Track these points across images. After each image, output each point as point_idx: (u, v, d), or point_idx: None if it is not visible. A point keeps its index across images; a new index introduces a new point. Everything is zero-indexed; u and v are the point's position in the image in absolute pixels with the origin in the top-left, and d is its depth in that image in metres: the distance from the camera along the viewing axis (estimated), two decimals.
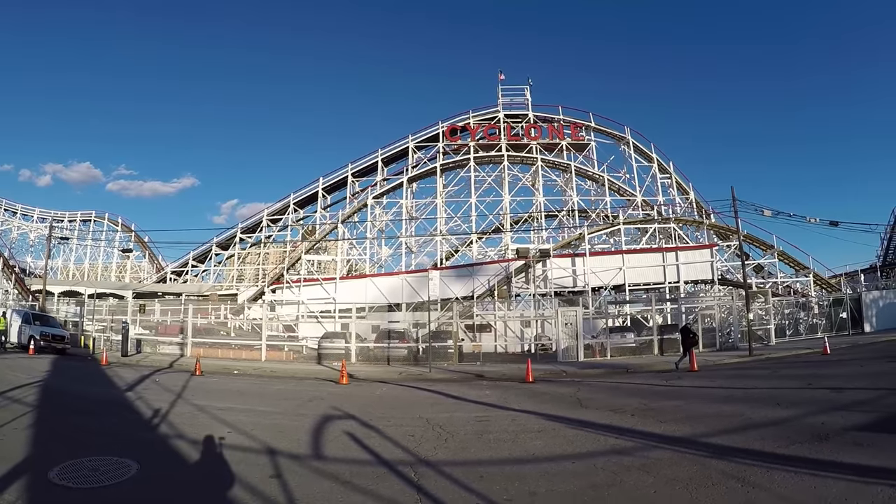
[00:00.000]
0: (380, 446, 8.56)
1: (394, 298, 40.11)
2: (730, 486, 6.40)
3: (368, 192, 44.55)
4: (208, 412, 11.36)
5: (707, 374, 20.38)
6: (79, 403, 12.66)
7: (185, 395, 14.17)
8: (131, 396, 13.76)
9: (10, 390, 13.03)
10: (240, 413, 11.47)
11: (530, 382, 18.69)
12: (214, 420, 10.52)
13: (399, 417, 11.37)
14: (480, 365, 26.57)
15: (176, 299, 42.92)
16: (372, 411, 12.08)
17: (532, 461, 7.82)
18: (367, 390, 17.05)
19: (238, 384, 18.02)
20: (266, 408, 12.59)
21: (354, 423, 10.46)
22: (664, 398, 14.11)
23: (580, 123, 46.46)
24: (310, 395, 15.23)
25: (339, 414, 11.64)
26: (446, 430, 9.93)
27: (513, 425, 10.53)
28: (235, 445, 8.43)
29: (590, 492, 6.37)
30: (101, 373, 20.06)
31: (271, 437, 9.06)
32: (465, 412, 12.29)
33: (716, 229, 42.63)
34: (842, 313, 34.62)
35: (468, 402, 13.82)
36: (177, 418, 10.57)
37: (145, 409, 11.71)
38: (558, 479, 6.89)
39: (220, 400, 13.50)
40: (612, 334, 30.56)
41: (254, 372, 23.17)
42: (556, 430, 10.04)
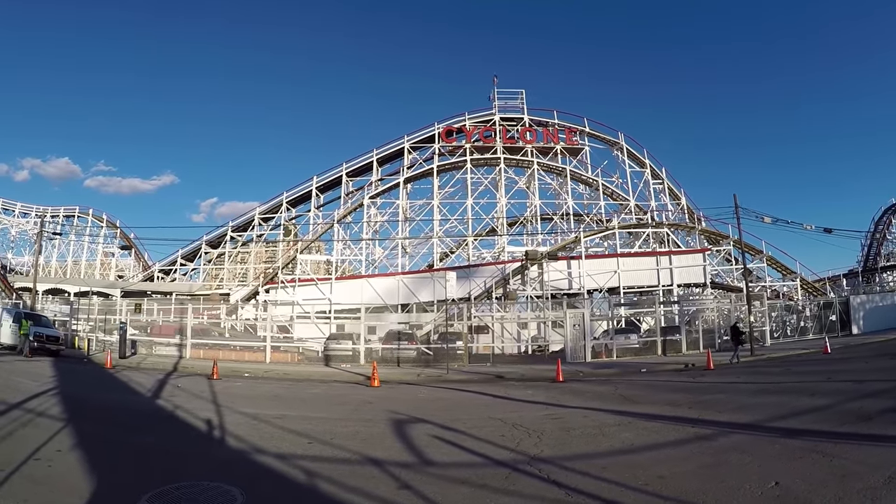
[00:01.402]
0: (480, 447, 8.64)
1: (390, 300, 40.03)
2: (813, 458, 7.37)
3: (365, 192, 44.43)
4: (265, 421, 10.84)
5: (724, 371, 21.40)
6: (114, 415, 11.87)
7: (220, 401, 13.55)
8: (165, 405, 13.02)
9: (26, 400, 12.00)
10: (300, 421, 11.02)
11: (561, 382, 19.28)
12: (280, 430, 10.01)
13: (469, 419, 11.38)
14: (491, 366, 26.75)
15: (164, 298, 42.23)
16: (434, 413, 12.08)
17: (634, 451, 8.32)
18: (404, 392, 17.07)
19: (265, 388, 17.73)
20: (322, 414, 12.37)
21: (431, 427, 10.40)
22: (705, 393, 14.91)
23: (574, 128, 47.01)
24: (352, 398, 15.19)
25: (403, 417, 11.52)
26: (529, 428, 10.10)
27: (587, 421, 10.92)
28: (328, 457, 8.00)
29: (706, 471, 7.04)
30: (110, 377, 19.51)
31: (358, 445, 8.75)
32: (530, 411, 12.52)
33: (706, 234, 43.50)
34: (831, 316, 35.68)
35: (523, 402, 14.15)
36: (238, 429, 9.90)
37: (194, 419, 10.97)
38: (672, 464, 7.42)
39: (264, 406, 13.04)
40: (616, 335, 30.98)
41: (266, 375, 22.86)
42: (632, 423, 10.53)
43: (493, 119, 46.94)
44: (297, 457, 7.96)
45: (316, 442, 9.04)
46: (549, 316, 37.20)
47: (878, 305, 37.06)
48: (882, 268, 48.57)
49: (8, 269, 51.04)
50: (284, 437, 9.46)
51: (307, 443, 8.97)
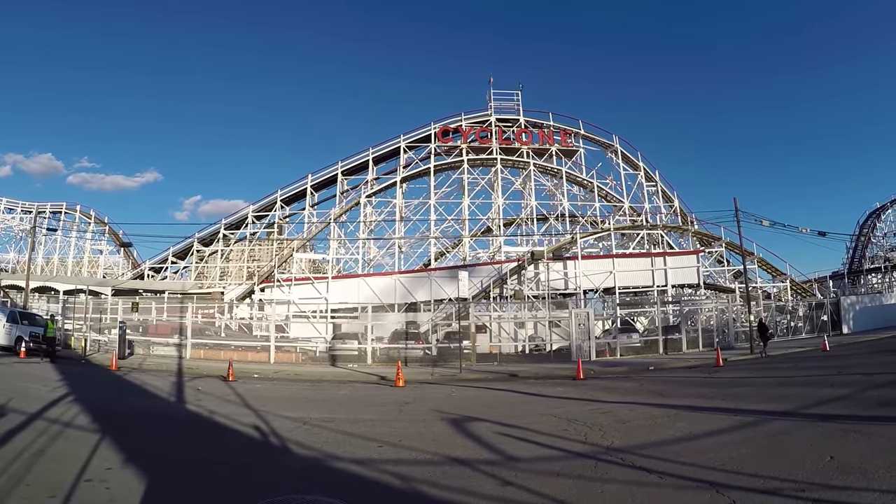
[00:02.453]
0: (552, 442, 8.88)
1: (386, 299, 39.99)
2: (854, 437, 8.34)
3: (361, 191, 44.28)
4: (316, 425, 10.55)
5: (735, 368, 22.44)
6: (148, 423, 11.21)
7: (252, 405, 13.19)
8: (198, 410, 12.47)
9: (45, 409, 11.27)
10: (352, 423, 10.84)
11: (582, 379, 19.83)
12: (338, 433, 9.77)
13: (520, 416, 11.58)
14: (498, 365, 26.97)
15: (155, 297, 41.69)
16: (480, 411, 12.18)
17: (695, 438, 8.95)
18: (434, 392, 17.07)
19: (290, 390, 17.50)
20: (369, 416, 12.16)
21: (490, 424, 10.49)
22: (728, 387, 15.84)
23: (570, 130, 47.38)
24: (386, 399, 15.14)
25: (455, 416, 11.56)
26: (586, 422, 10.41)
27: (635, 414, 11.43)
28: (410, 460, 7.88)
29: (766, 451, 7.86)
30: (121, 380, 18.82)
31: (430, 445, 8.75)
32: (574, 407, 12.81)
33: (698, 236, 44.19)
34: (822, 316, 36.62)
35: (560, 399, 14.47)
36: (294, 435, 9.58)
37: (239, 426, 10.52)
38: (735, 447, 8.10)
39: (303, 409, 12.80)
40: (619, 335, 31.40)
41: (277, 376, 22.57)
42: (678, 414, 11.16)
43: (488, 120, 47.13)
44: (379, 461, 7.79)
45: (386, 445, 8.85)
46: (547, 315, 37.51)
47: (866, 306, 38.20)
48: (867, 270, 50.00)
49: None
50: (349, 440, 9.24)
51: (377, 446, 8.77)
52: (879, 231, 52.46)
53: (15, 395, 12.33)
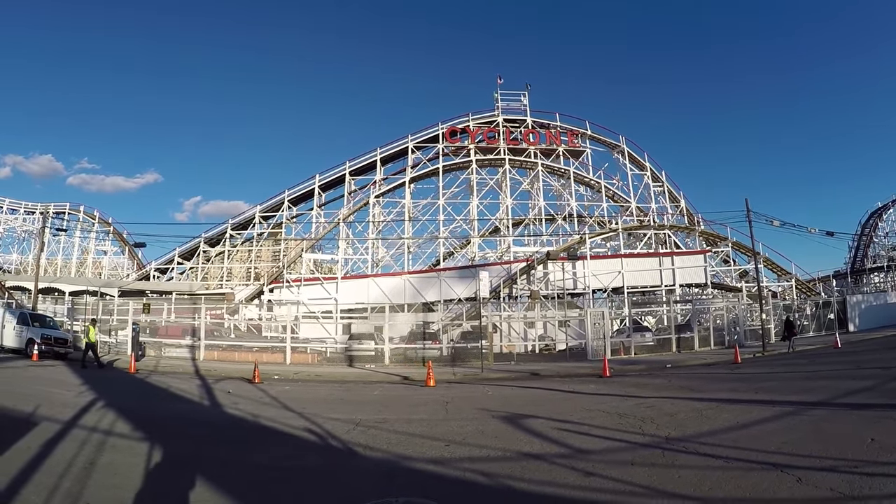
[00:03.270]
0: (612, 434, 9.33)
1: (396, 299, 39.96)
2: (888, 423, 9.22)
3: (370, 191, 44.28)
4: (371, 426, 10.49)
5: (754, 364, 23.01)
6: (194, 430, 10.76)
7: (293, 407, 13.01)
8: (241, 415, 12.15)
9: (79, 416, 10.77)
10: (406, 423, 10.85)
11: (608, 377, 20.08)
12: (399, 434, 9.76)
13: (569, 412, 11.87)
14: (516, 364, 27.09)
15: (162, 298, 41.49)
16: (527, 408, 12.35)
17: (745, 426, 9.51)
18: (468, 391, 17.14)
19: (323, 391, 17.40)
20: (418, 415, 12.10)
21: (544, 420, 10.68)
22: (756, 381, 16.41)
23: (576, 131, 47.59)
24: (425, 399, 15.12)
25: (504, 414, 11.69)
26: (636, 416, 10.84)
27: (679, 407, 11.87)
28: (484, 457, 8.01)
29: (813, 436, 8.51)
30: (144, 383, 18.58)
31: (496, 442, 8.85)
32: (617, 402, 13.17)
33: (705, 236, 44.53)
34: (829, 315, 37.04)
35: (598, 395, 14.77)
36: (353, 437, 9.49)
37: (290, 429, 10.35)
38: (784, 433, 8.81)
39: (348, 411, 12.64)
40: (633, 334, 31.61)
41: (298, 377, 22.46)
42: (720, 406, 11.78)
43: (496, 120, 47.25)
44: (453, 460, 7.83)
45: (453, 444, 8.87)
46: (556, 315, 37.72)
47: (872, 305, 38.69)
48: (869, 269, 50.63)
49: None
50: (411, 441, 9.21)
51: (444, 445, 8.77)
52: (881, 230, 53.26)
53: (41, 402, 12.04)
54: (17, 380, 16.87)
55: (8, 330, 26.15)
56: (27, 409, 11.07)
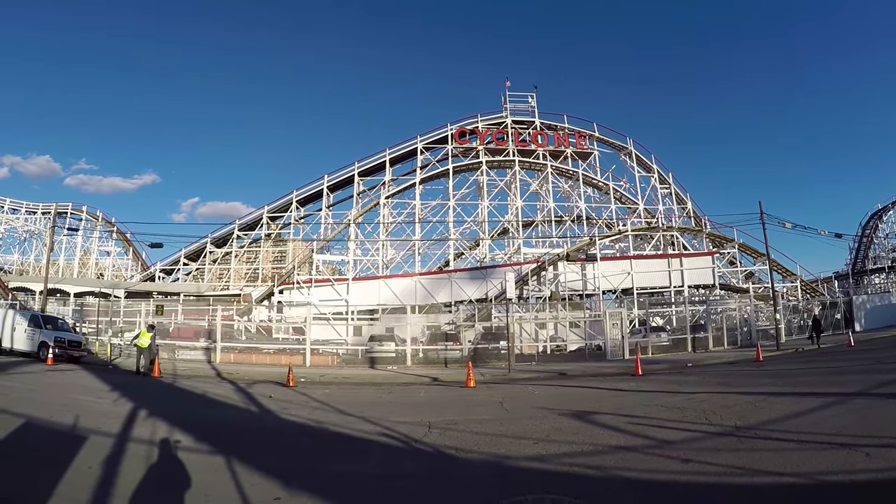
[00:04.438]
0: (682, 426, 9.61)
1: (407, 300, 39.96)
2: None
3: (381, 192, 44.27)
4: (446, 428, 10.20)
5: (776, 362, 23.46)
6: (262, 438, 10.25)
7: (349, 410, 12.42)
8: (302, 421, 11.70)
9: (127, 427, 10.04)
10: (477, 423, 10.63)
11: (641, 375, 20.42)
12: (478, 434, 9.53)
13: (629, 407, 12.11)
14: (537, 364, 27.20)
15: (167, 299, 41.18)
16: (587, 406, 12.41)
17: (799, 415, 10.10)
18: (511, 391, 17.03)
19: (366, 394, 17.02)
20: (483, 416, 11.86)
21: (610, 416, 10.83)
22: (788, 376, 16.84)
23: (584, 132, 47.97)
24: (474, 399, 14.97)
25: (568, 411, 11.73)
26: (695, 409, 11.26)
27: (731, 401, 12.25)
28: (580, 452, 8.10)
29: (863, 421, 9.10)
30: (177, 388, 17.80)
31: (579, 438, 8.95)
32: (669, 398, 13.49)
33: (712, 238, 45.03)
34: (836, 315, 37.65)
35: (643, 392, 15.03)
36: (433, 439, 9.28)
37: (362, 433, 10.07)
38: (836, 420, 9.32)
39: (407, 413, 12.26)
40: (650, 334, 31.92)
41: (325, 380, 21.99)
42: (768, 399, 12.22)
43: (504, 121, 47.48)
44: (552, 456, 7.83)
45: (541, 441, 8.80)
46: (568, 316, 37.94)
47: (876, 305, 39.37)
48: (871, 270, 51.48)
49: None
50: (496, 440, 9.01)
51: (533, 443, 8.64)
52: (881, 232, 54.14)
53: (78, 412, 11.23)
54: (40, 387, 15.94)
55: (18, 333, 25.18)
56: (66, 420, 10.34)
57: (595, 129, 48.49)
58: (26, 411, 10.83)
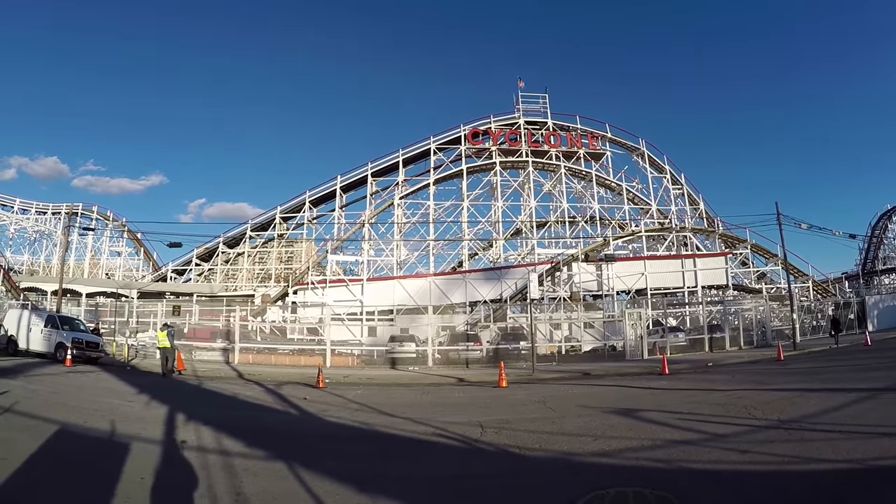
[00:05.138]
0: (728, 420, 9.97)
1: (421, 300, 40.03)
2: None
3: (395, 192, 44.28)
4: (501, 427, 10.20)
5: (798, 360, 23.83)
6: (312, 442, 9.85)
7: (395, 413, 12.41)
8: (350, 423, 11.44)
9: (169, 432, 9.74)
10: (528, 422, 10.72)
11: (668, 374, 20.68)
12: (534, 433, 9.58)
13: (670, 404, 12.41)
14: (557, 364, 27.18)
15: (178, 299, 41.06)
16: (629, 404, 12.61)
17: (838, 409, 10.63)
18: (546, 391, 17.09)
19: (403, 395, 16.91)
20: (531, 415, 11.93)
21: (654, 413, 11.13)
22: (816, 374, 17.59)
23: (596, 133, 48.16)
24: (510, 399, 15.01)
25: (612, 409, 11.94)
26: (736, 405, 11.55)
27: (767, 397, 12.76)
28: (636, 447, 8.31)
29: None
30: (205, 391, 17.40)
31: (629, 433, 9.31)
32: (705, 395, 13.92)
33: (724, 238, 45.18)
34: (849, 315, 37.84)
35: (680, 390, 15.39)
36: (492, 438, 9.31)
37: (415, 434, 10.04)
38: (873, 412, 10.08)
39: (459, 414, 12.07)
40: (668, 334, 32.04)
41: (349, 381, 21.64)
42: (801, 395, 12.74)
43: (517, 122, 47.56)
44: (616, 452, 8.12)
45: (600, 438, 9.03)
46: (582, 317, 38.06)
47: (889, 305, 39.59)
48: (881, 270, 51.69)
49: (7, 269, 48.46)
50: (557, 438, 9.14)
51: (592, 440, 8.89)
52: (891, 232, 54.31)
53: (111, 416, 10.86)
54: (65, 389, 15.34)
55: (35, 333, 24.76)
56: (102, 426, 9.91)
57: (607, 130, 48.75)
58: (57, 416, 10.42)
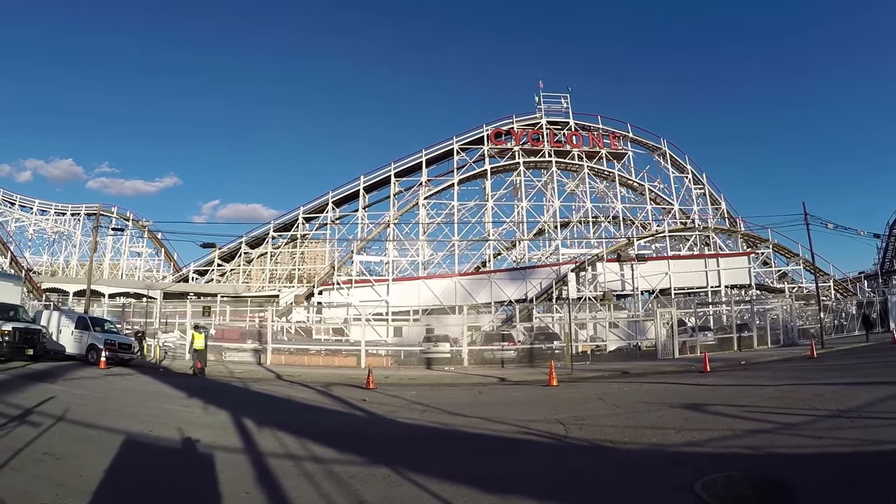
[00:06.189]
0: (790, 411, 10.47)
1: (447, 301, 40.15)
2: None
3: (419, 193, 44.34)
4: (582, 424, 10.35)
5: (831, 358, 24.21)
6: (404, 445, 9.66)
7: (464, 412, 12.20)
8: (429, 424, 11.42)
9: (247, 439, 9.34)
10: (604, 419, 10.87)
11: (709, 372, 20.90)
12: (613, 427, 9.92)
13: (730, 399, 12.94)
14: (591, 364, 27.21)
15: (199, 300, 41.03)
16: (687, 399, 12.84)
17: (884, 400, 11.20)
18: (597, 389, 17.19)
19: (457, 395, 16.76)
20: (600, 412, 12.14)
21: (721, 407, 11.53)
22: (856, 370, 18.06)
23: (618, 133, 48.35)
24: (573, 396, 15.19)
25: (677, 404, 12.25)
26: (792, 398, 12.15)
27: (818, 390, 13.09)
28: (726, 437, 8.67)
29: None
30: (259, 394, 16.94)
31: (712, 425, 9.68)
32: (757, 390, 14.34)
33: (745, 238, 45.38)
34: (872, 314, 38.02)
35: (729, 386, 16.10)
36: (585, 434, 9.43)
37: (510, 434, 9.92)
38: None
39: (532, 413, 12.10)
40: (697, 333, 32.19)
41: (390, 381, 21.71)
42: (850, 388, 13.11)
43: (539, 122, 47.71)
44: (704, 442, 8.49)
45: (682, 430, 9.31)
46: (608, 316, 38.16)
47: None
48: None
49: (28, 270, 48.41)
50: (642, 432, 9.39)
51: (675, 432, 9.21)
52: None
53: (176, 422, 10.50)
54: (112, 394, 14.88)
55: (65, 335, 24.30)
56: (170, 434, 9.54)
57: (629, 130, 48.95)
58: (116, 425, 10.01)
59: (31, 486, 6.41)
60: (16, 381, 16.10)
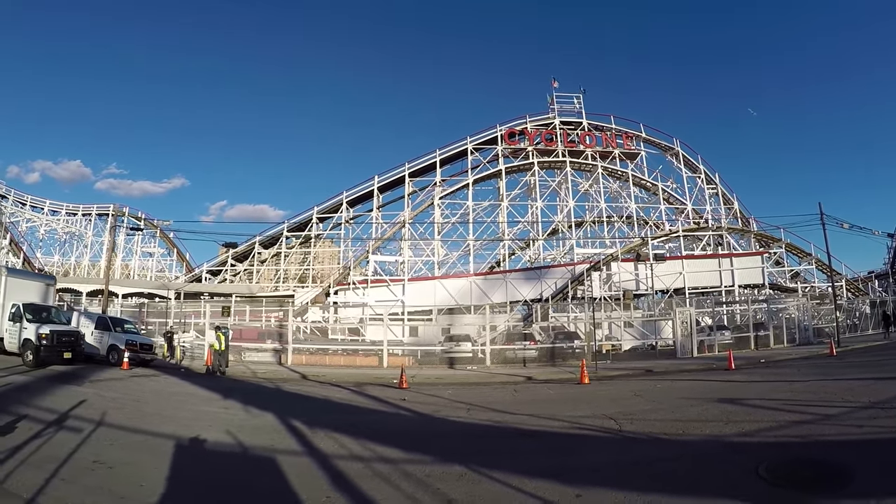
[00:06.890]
0: (828, 403, 11.02)
1: (462, 300, 40.25)
2: None
3: (435, 192, 44.39)
4: (634, 419, 10.57)
5: (850, 356, 24.61)
6: (495, 445, 9.53)
7: (509, 409, 12.67)
8: (481, 422, 11.39)
9: (304, 441, 9.18)
10: (651, 413, 11.39)
11: (733, 370, 21.12)
12: (672, 422, 10.18)
13: (763, 394, 13.21)
14: (612, 363, 27.08)
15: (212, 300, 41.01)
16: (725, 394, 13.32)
17: None
18: (630, 386, 17.44)
19: (493, 394, 16.82)
20: (642, 407, 12.51)
21: (759, 401, 12.13)
22: (877, 366, 18.49)
23: (631, 133, 48.52)
24: (612, 393, 15.48)
25: (717, 399, 12.69)
26: (825, 392, 12.56)
27: (847, 385, 13.81)
28: (779, 426, 9.19)
29: None
30: (292, 394, 16.84)
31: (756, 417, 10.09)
32: (787, 385, 14.98)
33: (758, 238, 45.58)
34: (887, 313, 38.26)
35: (758, 382, 16.53)
36: (639, 428, 9.73)
37: (566, 430, 10.05)
38: None
39: (578, 409, 12.33)
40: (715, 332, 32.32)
41: (416, 380, 21.44)
42: (878, 382, 13.66)
43: (552, 122, 47.82)
44: (754, 433, 8.90)
45: (730, 423, 9.70)
46: (623, 316, 38.28)
47: None
48: None
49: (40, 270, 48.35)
50: (693, 425, 9.80)
51: (724, 424, 9.62)
52: None
53: (222, 425, 10.33)
54: (144, 396, 14.65)
55: (85, 336, 23.62)
56: (221, 437, 9.36)
57: (641, 130, 49.09)
58: (161, 429, 9.87)
59: (88, 498, 6.06)
60: (41, 383, 15.99)
